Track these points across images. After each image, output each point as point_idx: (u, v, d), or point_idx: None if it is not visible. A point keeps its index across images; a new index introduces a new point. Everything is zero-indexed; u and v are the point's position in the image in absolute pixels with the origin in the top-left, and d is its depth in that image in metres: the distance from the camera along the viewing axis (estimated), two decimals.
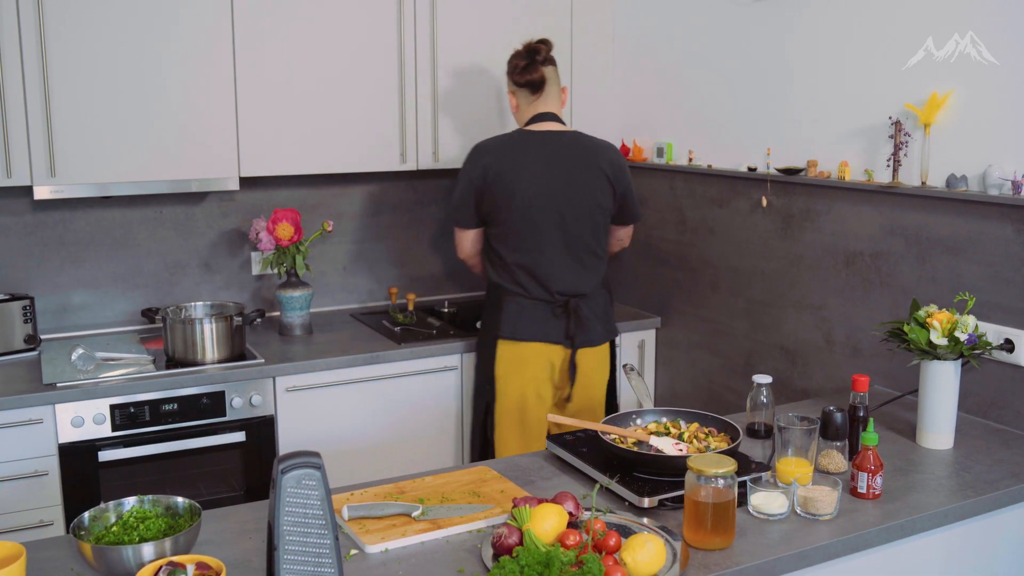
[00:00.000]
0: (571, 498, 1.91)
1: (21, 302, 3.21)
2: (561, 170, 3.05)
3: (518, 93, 3.16)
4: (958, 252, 2.67)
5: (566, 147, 3.09)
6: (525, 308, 3.07)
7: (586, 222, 3.09)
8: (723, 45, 3.42)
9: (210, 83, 3.20)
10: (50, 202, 3.38)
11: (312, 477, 1.61)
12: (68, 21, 2.98)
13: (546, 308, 3.08)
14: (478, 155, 3.09)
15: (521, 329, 3.07)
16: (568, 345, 3.09)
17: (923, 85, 2.72)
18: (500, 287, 3.11)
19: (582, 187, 3.07)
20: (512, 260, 3.07)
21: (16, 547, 1.71)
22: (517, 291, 3.08)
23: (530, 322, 3.07)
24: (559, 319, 3.08)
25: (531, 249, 3.06)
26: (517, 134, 3.12)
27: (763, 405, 2.49)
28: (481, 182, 3.05)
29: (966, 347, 2.34)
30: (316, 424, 3.22)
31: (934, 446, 2.44)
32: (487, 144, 3.11)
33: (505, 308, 3.08)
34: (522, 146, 3.07)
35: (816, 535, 1.96)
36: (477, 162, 3.07)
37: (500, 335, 3.08)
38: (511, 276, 3.09)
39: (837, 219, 3.02)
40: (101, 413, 2.92)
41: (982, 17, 2.57)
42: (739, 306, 3.44)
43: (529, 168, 3.03)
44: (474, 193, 3.07)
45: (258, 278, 3.78)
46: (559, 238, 3.06)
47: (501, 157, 3.05)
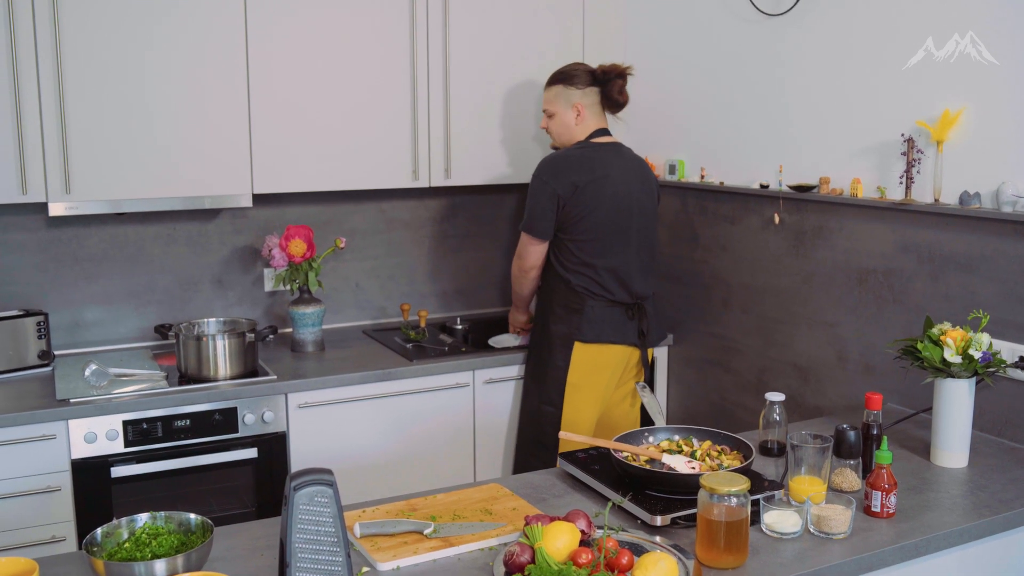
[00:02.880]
0: (583, 516, 1.90)
1: (35, 318, 3.22)
2: (632, 179, 3.21)
3: (593, 108, 3.25)
4: (972, 269, 2.66)
5: (630, 160, 3.26)
6: (605, 311, 3.18)
7: (651, 228, 3.29)
8: (735, 62, 3.42)
9: (224, 101, 3.22)
10: (64, 219, 3.40)
11: (324, 494, 1.62)
12: (83, 40, 3.00)
13: (621, 310, 3.20)
14: (564, 168, 3.15)
15: (604, 332, 3.17)
16: (640, 345, 3.24)
17: (935, 102, 2.71)
18: (580, 292, 3.17)
19: (645, 196, 3.25)
20: (600, 264, 3.16)
21: (29, 563, 1.72)
22: (601, 294, 3.17)
23: (611, 325, 3.18)
24: (632, 320, 3.21)
25: (618, 253, 3.17)
26: (593, 147, 3.21)
27: (776, 423, 2.48)
28: (569, 194, 3.11)
29: (980, 365, 2.33)
30: (328, 441, 3.22)
31: (948, 465, 2.42)
32: (569, 157, 3.18)
33: (586, 312, 3.16)
34: (602, 158, 3.18)
35: (830, 554, 1.95)
36: (564, 176, 3.13)
37: (579, 338, 3.16)
38: (597, 280, 3.16)
39: (850, 236, 3.01)
40: (114, 429, 2.93)
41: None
42: (751, 323, 3.44)
43: (610, 178, 3.15)
44: (558, 205, 3.13)
45: (270, 295, 3.79)
46: (635, 242, 3.21)
47: (587, 170, 3.13)
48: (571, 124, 3.26)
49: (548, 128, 3.33)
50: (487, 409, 3.47)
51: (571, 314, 3.17)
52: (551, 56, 3.69)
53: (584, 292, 3.16)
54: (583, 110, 3.24)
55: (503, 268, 4.17)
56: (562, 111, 3.25)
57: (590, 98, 3.24)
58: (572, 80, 3.24)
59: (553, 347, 3.20)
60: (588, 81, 3.24)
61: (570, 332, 3.17)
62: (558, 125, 3.28)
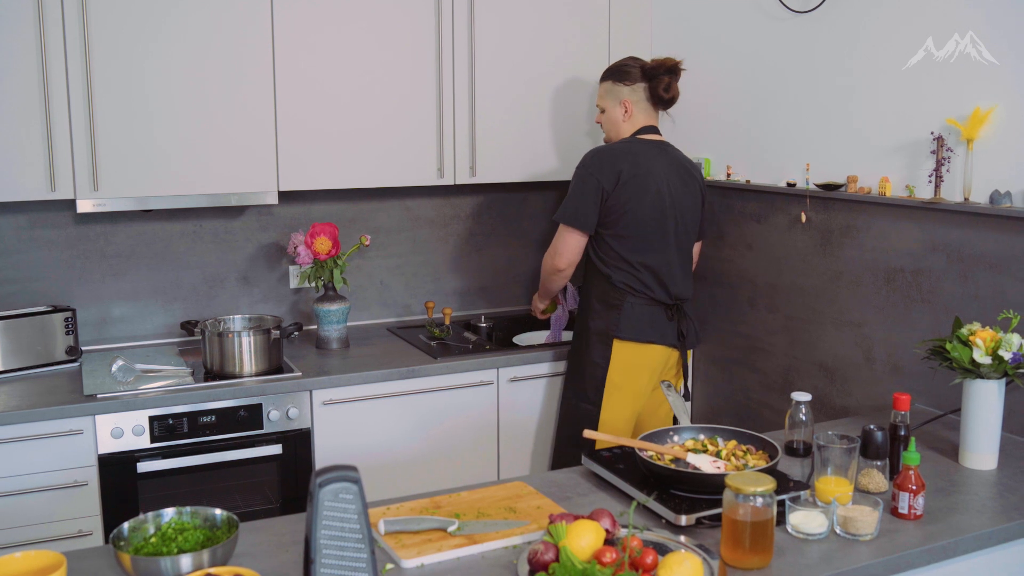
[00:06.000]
0: (608, 515, 1.90)
1: (63, 314, 3.25)
2: (676, 179, 3.15)
3: (640, 104, 3.21)
4: (1002, 269, 2.63)
5: (676, 159, 3.20)
6: (645, 309, 3.13)
7: (692, 230, 3.24)
8: (761, 59, 3.40)
9: (250, 98, 3.23)
10: (92, 215, 3.43)
11: (349, 491, 1.62)
12: (111, 37, 3.02)
13: (661, 310, 3.15)
14: (610, 160, 3.09)
15: (643, 330, 3.12)
16: (679, 346, 3.20)
17: (966, 100, 2.68)
18: (621, 289, 3.12)
19: (689, 197, 3.20)
20: (638, 261, 3.10)
21: (57, 556, 1.73)
22: (642, 291, 3.12)
23: (650, 324, 3.13)
24: (672, 321, 3.17)
25: (657, 251, 3.12)
26: (638, 143, 3.15)
27: (802, 423, 2.46)
28: (613, 186, 3.05)
29: (1010, 366, 2.30)
30: (352, 438, 3.23)
31: (977, 466, 2.39)
32: (614, 150, 3.12)
33: (625, 308, 3.11)
34: (646, 154, 3.12)
35: (856, 556, 1.93)
36: (611, 166, 3.07)
37: (617, 335, 3.12)
38: (636, 278, 3.11)
39: (878, 235, 2.98)
40: (140, 424, 2.95)
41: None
42: (778, 323, 3.42)
43: (655, 175, 3.10)
44: (601, 196, 3.07)
45: (296, 292, 3.80)
46: (675, 243, 3.16)
47: (634, 163, 3.08)
48: (619, 120, 3.23)
49: (599, 121, 3.32)
50: (511, 407, 3.47)
51: (609, 310, 3.13)
52: (577, 54, 3.69)
53: (625, 288, 3.11)
54: (631, 107, 3.20)
55: (528, 266, 4.17)
56: (611, 107, 3.23)
57: (638, 94, 3.20)
58: (622, 76, 3.20)
59: (591, 343, 3.16)
60: (638, 77, 3.19)
61: (608, 328, 3.12)
62: (607, 121, 3.26)
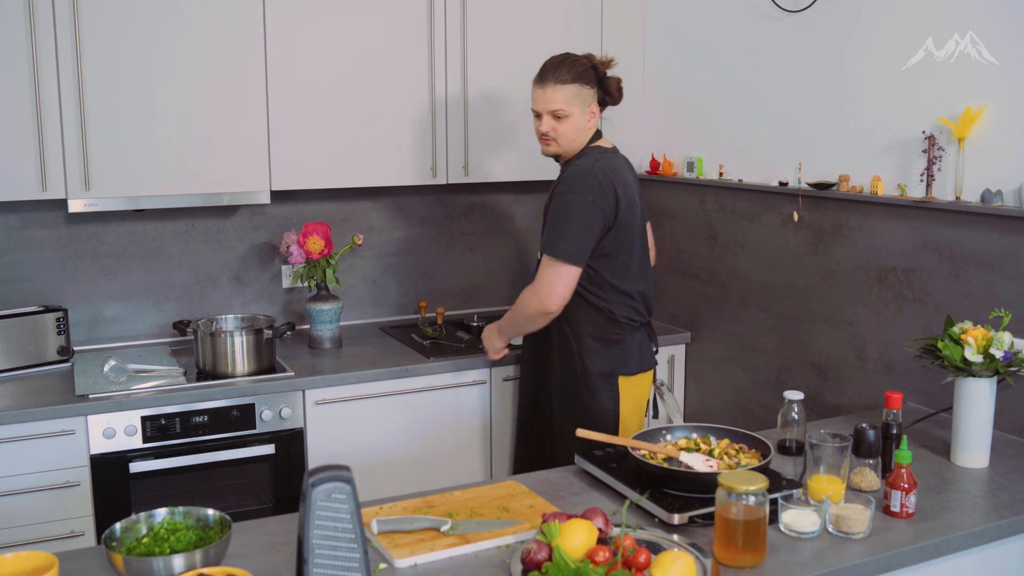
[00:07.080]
0: (601, 514, 1.90)
1: (55, 314, 3.24)
2: (634, 186, 2.89)
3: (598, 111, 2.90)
4: (993, 268, 2.64)
5: (627, 164, 2.95)
6: (638, 336, 2.91)
7: (646, 239, 2.99)
8: (754, 58, 3.41)
9: (242, 98, 3.23)
10: (84, 215, 3.42)
11: (342, 491, 1.61)
12: (103, 38, 3.01)
13: (645, 331, 2.96)
14: (608, 183, 2.76)
15: (644, 359, 2.92)
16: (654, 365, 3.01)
17: (957, 99, 2.69)
18: (623, 324, 2.86)
19: (641, 201, 2.95)
20: (635, 289, 2.86)
21: (49, 557, 1.73)
22: (638, 319, 2.89)
23: (646, 349, 2.94)
24: (652, 342, 2.99)
25: (645, 275, 2.92)
26: (609, 154, 2.85)
27: (794, 422, 2.47)
28: (615, 212, 2.76)
29: (1001, 364, 2.31)
30: (345, 437, 3.23)
31: (969, 465, 2.40)
32: (603, 170, 2.78)
33: (627, 343, 2.87)
34: (620, 167, 2.84)
35: (848, 554, 1.94)
36: (611, 191, 2.75)
37: (624, 371, 2.86)
38: (632, 306, 2.86)
39: (870, 234, 2.99)
40: (132, 425, 2.94)
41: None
42: (770, 321, 3.42)
43: (630, 187, 2.85)
44: (604, 226, 2.76)
45: (288, 291, 3.79)
46: (646, 255, 2.95)
47: (622, 181, 2.79)
48: (584, 128, 2.86)
49: (554, 131, 2.86)
50: (504, 407, 3.47)
51: (610, 347, 2.85)
52: (570, 51, 3.68)
53: (626, 322, 2.85)
54: (598, 112, 2.89)
55: (520, 265, 4.17)
56: (579, 113, 2.84)
57: (594, 96, 2.88)
58: (586, 77, 2.84)
59: (593, 386, 2.85)
60: (592, 77, 2.86)
61: (612, 367, 2.85)
62: (571, 129, 2.84)
